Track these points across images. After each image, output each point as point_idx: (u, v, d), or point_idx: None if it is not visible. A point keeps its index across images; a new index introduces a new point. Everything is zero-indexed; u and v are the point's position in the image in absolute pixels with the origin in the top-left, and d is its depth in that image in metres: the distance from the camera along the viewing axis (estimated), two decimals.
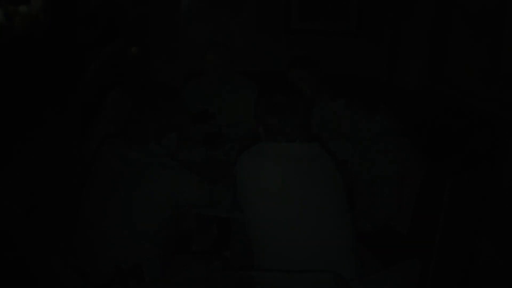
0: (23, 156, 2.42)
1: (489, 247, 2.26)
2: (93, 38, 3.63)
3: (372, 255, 2.04)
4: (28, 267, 1.84)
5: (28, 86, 3.15)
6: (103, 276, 1.78)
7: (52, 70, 3.32)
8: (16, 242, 1.89)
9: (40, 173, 2.34)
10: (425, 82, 3.40)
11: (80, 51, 3.51)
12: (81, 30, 3.64)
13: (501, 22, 2.73)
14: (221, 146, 2.68)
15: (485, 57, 2.89)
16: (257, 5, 3.90)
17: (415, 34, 3.46)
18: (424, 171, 2.20)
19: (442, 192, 1.96)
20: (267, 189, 1.78)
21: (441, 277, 1.98)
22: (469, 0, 3.03)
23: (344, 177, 1.88)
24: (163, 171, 1.86)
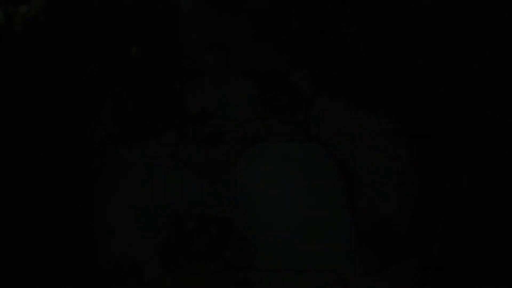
0: (23, 155, 2.43)
1: (489, 247, 2.26)
2: (93, 38, 3.63)
3: (372, 255, 2.04)
4: (28, 267, 1.84)
5: (28, 86, 3.14)
6: (103, 276, 1.78)
7: (52, 70, 3.32)
8: (16, 241, 1.89)
9: (40, 172, 2.34)
10: (425, 82, 3.40)
11: (80, 51, 3.51)
12: (81, 30, 3.64)
13: (500, 21, 2.73)
14: (221, 146, 2.68)
15: (485, 57, 2.89)
16: (257, 5, 3.90)
17: (415, 33, 3.46)
18: (424, 171, 2.20)
19: (442, 192, 1.96)
20: (267, 189, 1.78)
21: (441, 277, 1.98)
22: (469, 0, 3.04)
23: (344, 177, 1.88)
24: (163, 171, 1.86)
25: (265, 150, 1.84)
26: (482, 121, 2.68)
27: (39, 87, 3.16)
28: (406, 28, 3.54)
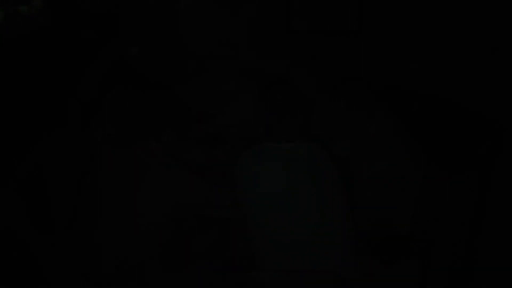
0: (23, 156, 2.42)
1: (489, 248, 2.26)
2: (93, 38, 3.63)
3: (373, 255, 2.04)
4: (29, 267, 1.84)
5: (28, 86, 3.14)
6: (104, 276, 1.78)
7: (52, 70, 3.32)
8: (17, 241, 1.89)
9: (40, 172, 2.34)
10: (425, 82, 3.40)
11: (80, 51, 3.50)
12: (81, 30, 3.64)
13: (498, 21, 2.73)
14: (221, 146, 2.68)
15: (484, 57, 2.89)
16: (258, 5, 3.90)
17: (414, 34, 3.46)
18: (424, 171, 2.20)
19: (442, 193, 1.96)
20: (267, 189, 1.78)
21: (441, 277, 1.98)
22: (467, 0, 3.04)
23: (344, 177, 1.88)
24: (163, 171, 1.86)
25: (265, 150, 1.84)
26: (482, 121, 2.68)
27: (39, 87, 3.16)
28: (406, 28, 3.53)
